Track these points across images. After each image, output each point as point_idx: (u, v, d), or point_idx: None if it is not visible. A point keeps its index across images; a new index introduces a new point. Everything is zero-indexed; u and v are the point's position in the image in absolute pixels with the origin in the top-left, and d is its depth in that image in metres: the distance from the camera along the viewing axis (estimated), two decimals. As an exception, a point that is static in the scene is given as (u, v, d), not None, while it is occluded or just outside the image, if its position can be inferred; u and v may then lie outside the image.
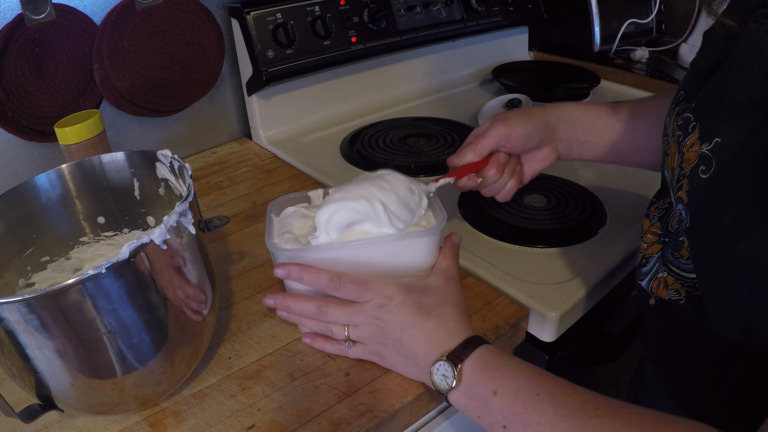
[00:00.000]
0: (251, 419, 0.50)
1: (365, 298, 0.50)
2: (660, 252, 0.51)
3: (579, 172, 0.86)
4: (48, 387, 0.44)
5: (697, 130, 0.43)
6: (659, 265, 0.51)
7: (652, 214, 0.55)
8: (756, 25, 0.40)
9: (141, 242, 0.41)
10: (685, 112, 0.46)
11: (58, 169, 0.57)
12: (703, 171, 0.41)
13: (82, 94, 0.83)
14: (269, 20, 0.92)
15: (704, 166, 0.41)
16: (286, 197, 0.61)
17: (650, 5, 1.28)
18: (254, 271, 0.68)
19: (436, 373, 0.46)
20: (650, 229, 0.54)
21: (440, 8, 1.10)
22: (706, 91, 0.44)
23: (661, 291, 0.49)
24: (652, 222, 0.54)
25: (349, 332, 0.52)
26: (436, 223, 0.54)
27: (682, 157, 0.45)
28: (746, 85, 0.39)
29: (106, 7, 0.82)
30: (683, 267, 0.48)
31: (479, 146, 0.62)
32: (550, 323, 0.60)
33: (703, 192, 0.41)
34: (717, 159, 0.40)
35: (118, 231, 0.62)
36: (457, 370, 0.45)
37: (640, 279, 0.53)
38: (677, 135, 0.46)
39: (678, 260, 0.48)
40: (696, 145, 0.43)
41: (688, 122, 0.45)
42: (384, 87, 1.13)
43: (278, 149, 0.98)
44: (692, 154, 0.43)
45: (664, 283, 0.49)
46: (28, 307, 0.39)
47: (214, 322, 0.55)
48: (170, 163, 0.55)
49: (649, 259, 0.53)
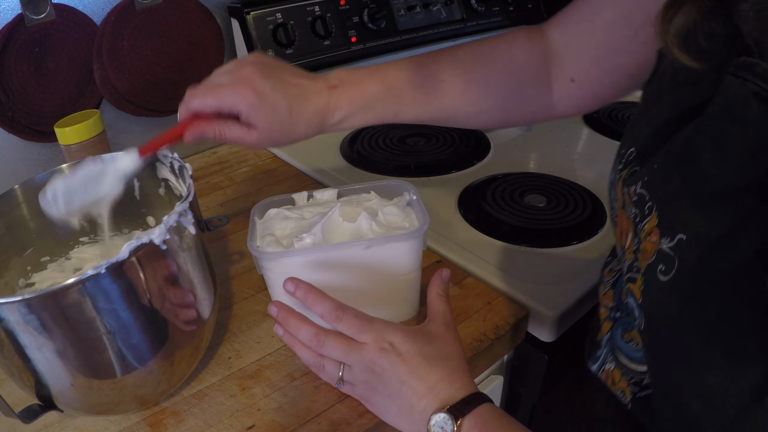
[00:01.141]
0: (251, 419, 0.50)
1: (364, 338, 0.46)
2: (609, 333, 0.46)
3: (579, 172, 0.86)
4: (48, 387, 0.44)
5: (655, 214, 0.34)
6: (608, 351, 0.46)
7: (606, 278, 0.48)
8: (737, 81, 0.29)
9: (141, 242, 0.41)
10: (637, 185, 0.36)
11: (58, 169, 0.56)
12: (662, 272, 0.32)
13: (82, 94, 0.83)
14: (269, 20, 0.92)
15: (664, 265, 0.32)
16: (270, 199, 0.60)
17: (650, 5, 1.27)
18: (254, 271, 0.68)
19: (434, 426, 0.43)
20: (603, 300, 0.48)
21: (440, 8, 1.10)
22: (664, 162, 0.34)
23: (610, 386, 0.45)
24: (605, 290, 0.48)
25: (344, 372, 0.48)
26: (419, 225, 0.54)
27: (639, 244, 0.36)
28: (722, 166, 0.30)
29: (106, 7, 0.82)
30: (632, 356, 0.42)
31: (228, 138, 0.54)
32: (550, 323, 0.60)
33: (663, 298, 0.33)
34: (680, 261, 0.31)
35: (118, 231, 0.62)
36: (457, 425, 0.42)
37: (591, 363, 0.49)
38: (631, 212, 0.37)
39: (628, 344, 0.43)
40: (655, 235, 0.34)
41: (644, 201, 0.35)
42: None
43: (278, 149, 0.98)
44: (650, 246, 0.34)
45: (612, 378, 0.45)
46: (28, 307, 0.39)
47: (214, 322, 0.55)
48: (170, 163, 0.55)
49: (600, 342, 0.47)
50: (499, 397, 0.71)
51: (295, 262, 0.51)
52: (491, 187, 0.81)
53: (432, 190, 0.82)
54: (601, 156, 0.92)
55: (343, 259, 0.51)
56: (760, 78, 0.28)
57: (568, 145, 0.96)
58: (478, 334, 0.58)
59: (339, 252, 0.51)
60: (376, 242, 0.51)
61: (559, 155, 0.92)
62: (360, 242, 0.51)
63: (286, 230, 0.56)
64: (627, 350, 0.43)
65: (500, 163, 0.90)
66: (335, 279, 0.52)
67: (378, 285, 0.54)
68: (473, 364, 0.57)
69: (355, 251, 0.51)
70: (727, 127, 0.30)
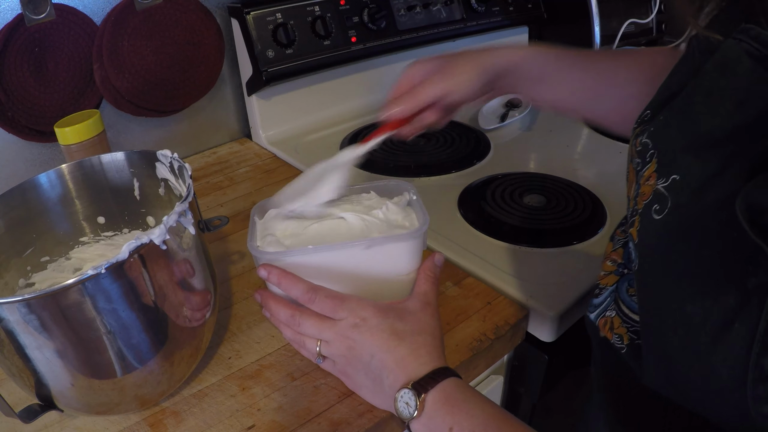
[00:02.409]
0: (251, 419, 0.50)
1: (339, 315, 0.48)
2: (615, 285, 0.48)
3: (579, 172, 0.86)
4: (48, 387, 0.44)
5: (655, 161, 0.37)
6: (610, 300, 0.48)
7: (617, 237, 0.50)
8: (734, 42, 0.33)
9: (141, 242, 0.41)
10: (643, 136, 0.40)
11: (58, 169, 0.57)
12: (656, 211, 0.35)
13: (82, 94, 0.83)
14: (269, 20, 0.92)
15: (658, 205, 0.35)
16: (269, 200, 0.60)
17: (650, 5, 1.28)
18: (254, 271, 0.68)
19: (399, 401, 0.44)
20: (611, 255, 0.50)
21: (440, 8, 1.10)
22: (667, 115, 0.38)
23: (606, 332, 0.46)
24: (614, 247, 0.50)
25: (321, 347, 0.50)
26: (418, 225, 0.53)
27: (638, 189, 0.39)
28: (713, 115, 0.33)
29: (106, 7, 0.82)
30: (633, 307, 0.44)
31: (417, 99, 0.57)
32: (550, 323, 0.60)
33: (654, 236, 0.36)
34: (672, 199, 0.34)
35: (118, 231, 0.62)
36: (420, 400, 0.43)
37: (590, 311, 0.50)
38: (636, 162, 0.41)
39: (631, 298, 0.45)
40: (652, 179, 0.37)
41: (647, 149, 0.39)
42: (384, 87, 1.13)
43: (278, 149, 0.98)
44: (647, 189, 0.37)
45: (611, 324, 0.46)
46: (28, 307, 0.39)
47: (214, 322, 0.55)
48: (170, 163, 0.55)
49: (603, 290, 0.49)
50: (499, 397, 0.71)
51: (294, 262, 0.51)
52: (491, 187, 0.81)
53: (432, 190, 0.82)
54: (601, 156, 0.92)
55: (344, 258, 0.51)
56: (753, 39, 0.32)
57: (568, 145, 0.96)
58: (478, 334, 0.58)
59: (339, 252, 0.51)
60: (376, 242, 0.51)
61: (559, 155, 0.92)
62: (360, 242, 0.51)
63: (287, 230, 0.56)
64: (629, 302, 0.44)
65: (500, 163, 0.90)
66: (335, 279, 0.52)
67: (378, 285, 0.54)
68: (473, 363, 0.57)
69: (355, 251, 0.51)
70: (720, 80, 0.34)
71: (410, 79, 0.60)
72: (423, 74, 0.59)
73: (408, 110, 0.57)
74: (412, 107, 0.57)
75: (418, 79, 0.59)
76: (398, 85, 0.60)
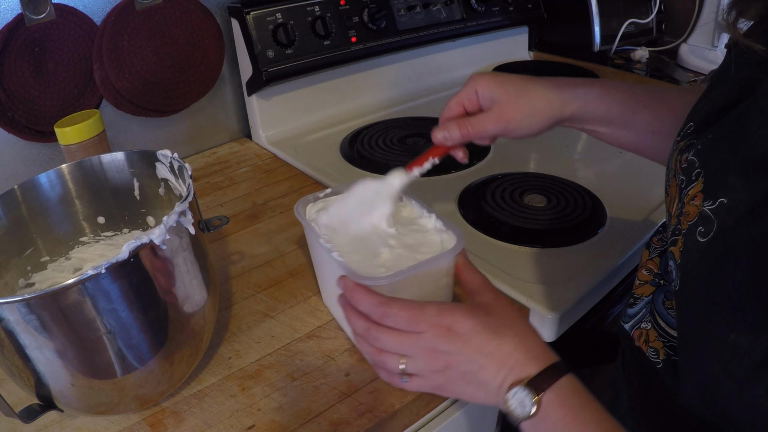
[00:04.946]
0: (251, 419, 0.50)
1: (419, 327, 0.44)
2: (651, 296, 0.46)
3: (579, 172, 0.86)
4: (48, 387, 0.44)
5: (701, 180, 0.36)
6: (645, 312, 0.46)
7: (653, 246, 0.49)
8: None
9: (140, 242, 0.41)
10: (690, 153, 0.39)
11: (58, 169, 0.57)
12: (701, 233, 0.34)
13: (82, 94, 0.83)
14: (269, 20, 0.92)
15: (703, 227, 0.34)
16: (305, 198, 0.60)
17: (650, 5, 1.28)
18: (254, 271, 0.68)
19: (512, 399, 0.41)
20: (647, 263, 0.48)
21: (440, 8, 1.10)
22: (718, 133, 0.37)
23: (641, 344, 0.45)
24: (651, 255, 0.48)
25: (406, 365, 0.45)
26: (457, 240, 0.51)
27: (682, 207, 0.38)
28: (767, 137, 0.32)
29: (106, 7, 0.82)
30: (670, 321, 0.43)
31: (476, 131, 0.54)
32: (550, 323, 0.60)
33: (699, 258, 0.35)
34: (719, 223, 0.33)
35: (118, 231, 0.62)
36: (536, 399, 0.40)
37: (625, 321, 0.49)
38: (680, 179, 0.40)
39: (668, 311, 0.43)
40: (698, 199, 0.36)
41: (693, 167, 0.38)
42: (384, 87, 1.13)
43: (278, 149, 0.98)
44: (693, 209, 0.36)
45: (646, 336, 0.45)
46: (28, 307, 0.39)
47: (214, 322, 0.55)
48: (170, 163, 0.55)
49: (638, 300, 0.48)
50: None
51: None
52: (491, 187, 0.81)
53: (432, 190, 0.82)
54: (601, 156, 0.92)
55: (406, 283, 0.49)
56: None
57: (568, 145, 0.96)
58: (478, 334, 0.58)
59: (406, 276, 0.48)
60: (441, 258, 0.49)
61: (559, 155, 0.92)
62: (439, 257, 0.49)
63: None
64: (666, 316, 0.43)
65: (500, 163, 0.90)
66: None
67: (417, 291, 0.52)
68: (473, 364, 0.57)
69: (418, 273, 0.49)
70: None
71: (471, 97, 0.56)
72: (489, 97, 0.55)
73: (465, 140, 0.55)
74: (469, 138, 0.54)
75: (483, 100, 0.55)
76: (457, 100, 0.56)
